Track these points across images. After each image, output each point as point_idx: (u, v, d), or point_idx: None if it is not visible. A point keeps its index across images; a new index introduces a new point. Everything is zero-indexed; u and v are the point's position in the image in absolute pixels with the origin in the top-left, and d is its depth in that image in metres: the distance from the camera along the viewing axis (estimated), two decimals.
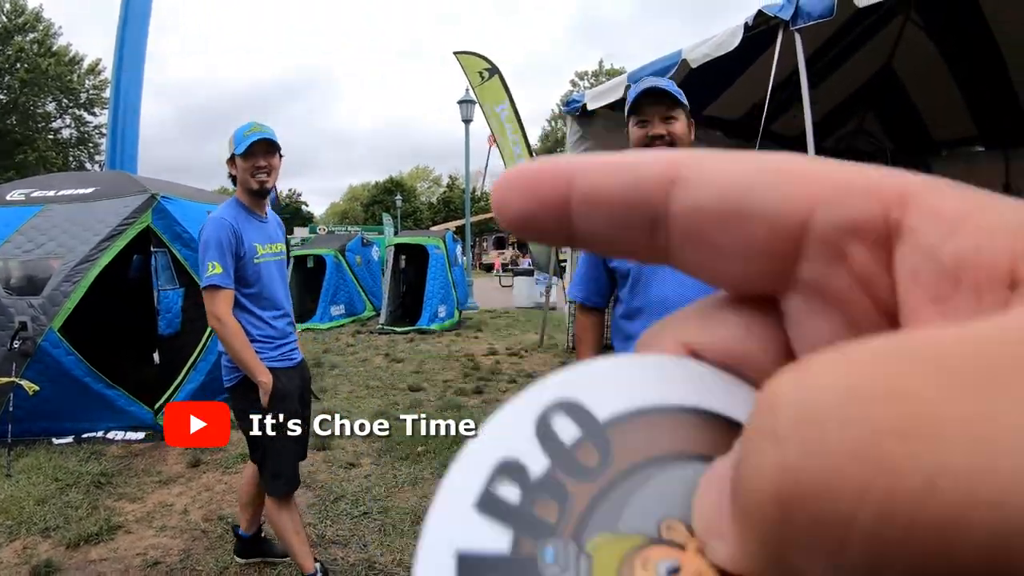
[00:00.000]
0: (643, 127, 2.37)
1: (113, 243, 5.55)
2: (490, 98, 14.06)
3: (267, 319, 3.08)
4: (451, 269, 12.78)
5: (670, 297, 2.32)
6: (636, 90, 2.40)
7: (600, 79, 52.80)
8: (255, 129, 3.02)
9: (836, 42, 7.64)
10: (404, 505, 4.08)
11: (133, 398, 5.48)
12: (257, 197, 3.12)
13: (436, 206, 63.51)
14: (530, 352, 9.78)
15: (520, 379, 7.83)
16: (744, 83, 8.12)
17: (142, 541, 3.65)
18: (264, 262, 3.09)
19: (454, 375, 8.13)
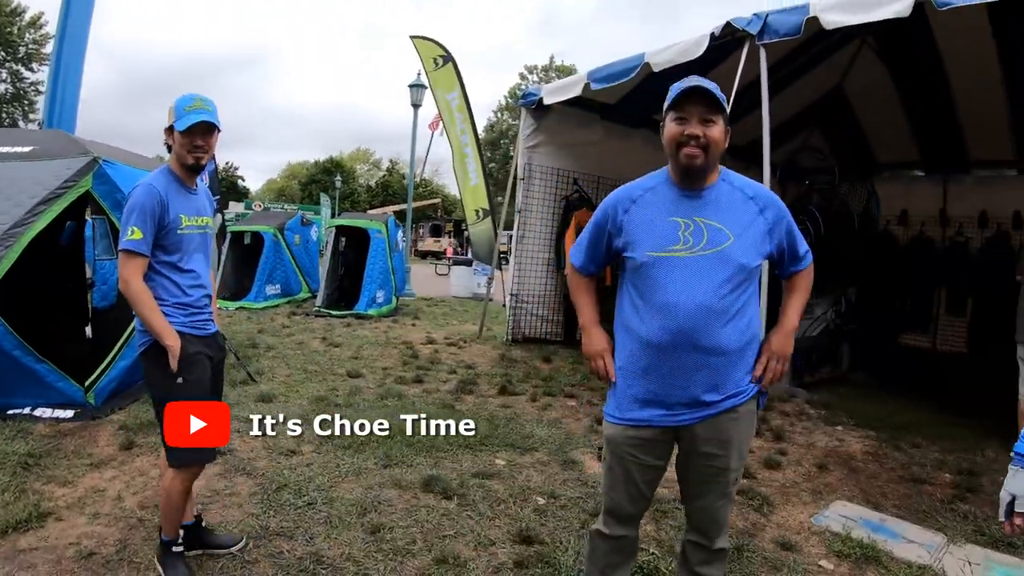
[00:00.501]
0: (680, 124, 2.35)
1: (50, 207, 5.24)
2: (442, 85, 13.97)
3: (183, 286, 3.10)
4: (391, 254, 12.62)
5: (678, 301, 2.33)
6: (680, 86, 2.37)
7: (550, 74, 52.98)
8: (197, 106, 3.02)
9: (794, 59, 7.79)
10: (349, 496, 4.00)
11: (63, 374, 5.20)
12: (190, 171, 3.16)
13: (375, 189, 62.87)
14: (469, 343, 9.74)
15: (460, 370, 7.80)
16: None
17: (74, 529, 3.47)
18: (188, 234, 3.11)
19: (393, 363, 8.05)
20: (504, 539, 3.61)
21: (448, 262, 25.46)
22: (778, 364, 2.47)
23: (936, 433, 6.27)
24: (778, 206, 2.49)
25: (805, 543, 3.85)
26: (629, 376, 2.47)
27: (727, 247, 2.35)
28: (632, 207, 2.48)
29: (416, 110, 18.13)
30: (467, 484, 4.29)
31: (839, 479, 4.99)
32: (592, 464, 4.91)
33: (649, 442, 2.47)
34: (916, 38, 7.76)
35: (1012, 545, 3.94)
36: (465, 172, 14.47)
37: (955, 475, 5.16)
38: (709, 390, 2.37)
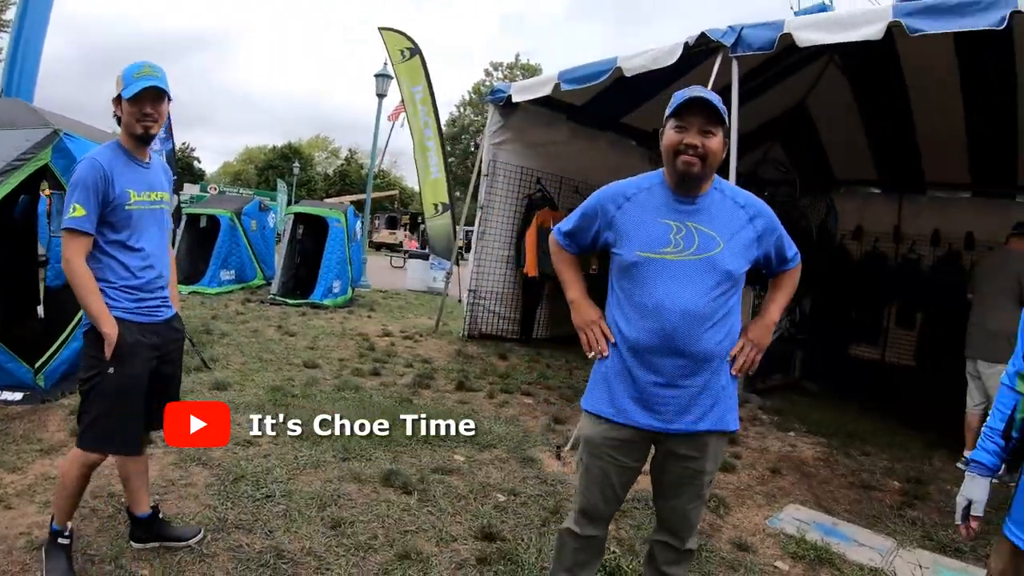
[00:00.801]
0: (680, 132, 2.37)
1: (6, 179, 5.02)
2: (408, 77, 13.88)
3: (132, 268, 2.94)
4: (349, 245, 12.50)
5: (665, 303, 2.35)
6: (682, 96, 2.38)
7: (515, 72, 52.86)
8: (145, 72, 2.86)
9: (761, 72, 7.89)
10: (308, 489, 3.94)
11: (12, 354, 5.00)
12: (140, 142, 3.00)
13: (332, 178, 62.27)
14: (425, 337, 9.69)
15: (416, 364, 7.76)
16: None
17: (25, 518, 3.34)
18: (138, 210, 2.95)
19: (349, 354, 7.98)
20: (466, 535, 3.60)
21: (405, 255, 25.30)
22: (752, 352, 2.50)
23: (885, 442, 6.44)
24: (768, 215, 2.53)
25: (761, 544, 3.93)
26: (616, 374, 2.47)
27: (716, 253, 2.38)
28: (626, 204, 2.50)
29: (381, 100, 18.02)
30: (427, 479, 4.26)
31: (792, 483, 5.09)
32: (551, 462, 4.92)
33: (628, 443, 2.48)
34: (883, 60, 7.94)
35: (959, 550, 4.07)
36: (426, 165, 14.39)
37: (903, 483, 5.31)
38: (690, 405, 2.41)
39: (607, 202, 2.53)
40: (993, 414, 2.13)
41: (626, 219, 2.47)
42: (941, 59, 7.69)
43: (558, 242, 2.71)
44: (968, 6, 4.92)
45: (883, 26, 5.22)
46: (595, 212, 2.55)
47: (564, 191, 10.09)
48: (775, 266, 2.62)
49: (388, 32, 13.93)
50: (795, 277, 2.69)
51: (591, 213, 2.57)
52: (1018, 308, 5.50)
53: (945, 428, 6.79)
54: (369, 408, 5.65)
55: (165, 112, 2.99)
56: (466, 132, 53.91)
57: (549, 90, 7.76)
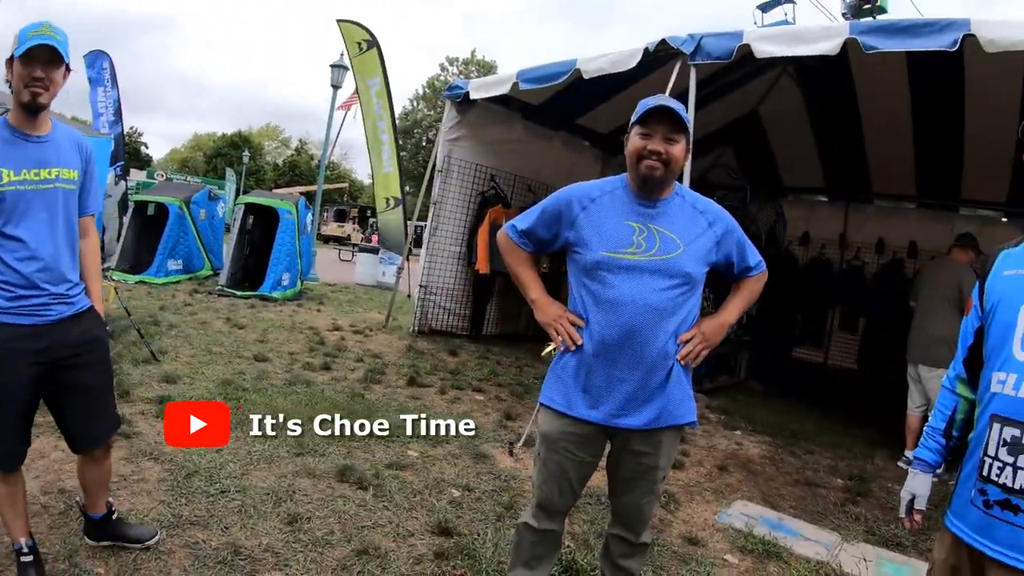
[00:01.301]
0: (644, 139, 2.44)
1: None
2: (364, 70, 13.74)
3: (8, 261, 2.56)
4: (300, 237, 12.37)
5: (627, 300, 2.41)
6: (648, 104, 2.45)
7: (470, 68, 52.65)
8: (42, 32, 2.52)
9: (717, 79, 8.03)
10: (262, 484, 3.90)
11: None
12: (27, 112, 2.60)
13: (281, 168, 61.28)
14: (375, 331, 9.65)
15: (367, 358, 7.72)
16: (619, 102, 8.38)
17: None
18: (15, 191, 2.56)
19: (299, 348, 7.91)
20: (423, 530, 3.62)
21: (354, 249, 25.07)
22: (700, 345, 2.55)
23: (828, 441, 6.64)
24: (726, 220, 2.62)
25: (710, 539, 4.03)
26: (575, 369, 2.52)
27: (676, 256, 2.46)
28: (591, 205, 2.55)
29: (335, 91, 17.90)
30: (382, 475, 4.26)
31: (739, 480, 5.22)
32: (503, 458, 4.96)
33: (584, 438, 2.53)
34: (836, 73, 8.15)
35: (900, 544, 4.25)
36: (379, 159, 14.29)
37: (847, 480, 5.49)
38: (647, 401, 2.47)
39: (572, 203, 2.57)
40: (935, 415, 2.23)
41: (590, 220, 2.52)
42: (893, 76, 7.95)
43: (512, 240, 2.71)
44: (922, 27, 5.10)
45: (839, 42, 5.37)
46: (558, 211, 2.59)
47: (517, 189, 10.12)
48: (737, 271, 2.70)
49: (346, 24, 13.77)
50: (758, 284, 2.76)
51: (553, 212, 2.61)
52: (958, 315, 5.73)
53: (886, 429, 7.03)
54: (321, 403, 5.61)
55: (59, 82, 2.61)
56: (419, 126, 53.57)
57: (508, 88, 7.79)
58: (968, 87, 7.67)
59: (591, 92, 7.78)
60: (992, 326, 1.98)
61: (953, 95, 7.91)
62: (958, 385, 2.17)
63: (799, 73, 8.95)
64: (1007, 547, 1.81)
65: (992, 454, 1.87)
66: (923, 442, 2.24)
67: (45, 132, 2.68)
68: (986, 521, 1.87)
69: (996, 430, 1.87)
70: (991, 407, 1.91)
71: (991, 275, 2.05)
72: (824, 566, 3.81)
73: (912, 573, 3.85)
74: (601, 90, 7.93)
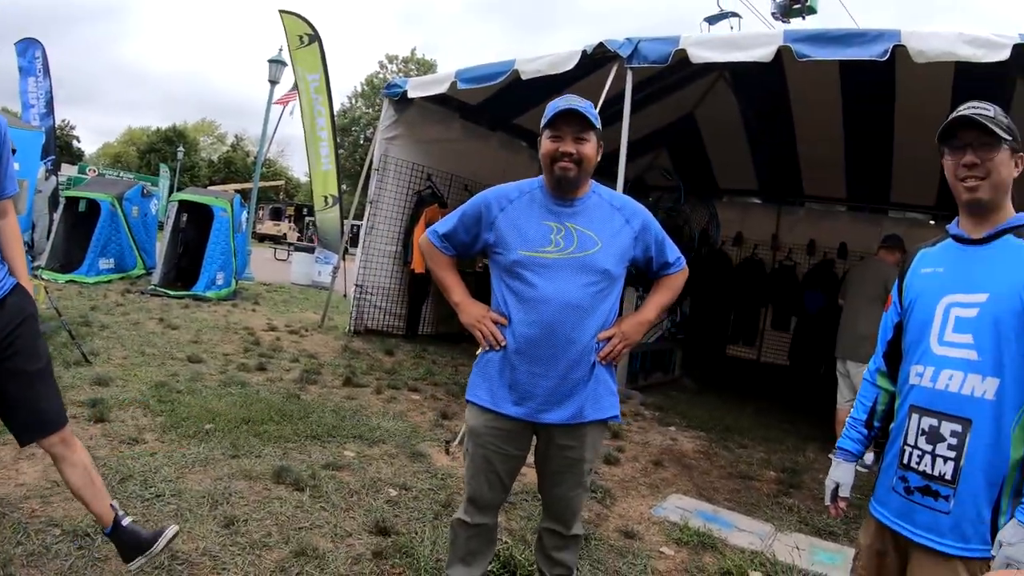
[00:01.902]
0: (555, 142, 2.50)
1: None
2: (305, 65, 13.52)
3: None
4: (234, 235, 12.15)
5: (547, 297, 2.46)
6: (555, 107, 2.49)
7: (409, 66, 52.27)
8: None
9: (654, 83, 8.15)
10: (198, 487, 3.82)
11: None
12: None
13: (217, 164, 59.90)
14: (311, 331, 9.54)
15: (303, 359, 7.63)
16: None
17: None
18: None
19: (234, 349, 7.77)
20: (360, 530, 3.60)
21: (290, 248, 24.71)
22: (620, 343, 2.59)
23: (761, 435, 6.82)
24: (643, 216, 2.69)
25: (646, 532, 4.10)
26: (499, 366, 2.55)
27: (594, 253, 2.51)
28: (508, 207, 2.60)
29: (273, 87, 17.63)
30: (318, 475, 4.21)
31: (674, 475, 5.32)
32: (440, 457, 4.96)
33: (510, 433, 2.57)
34: (770, 79, 8.36)
35: (833, 533, 4.40)
36: (317, 157, 14.10)
37: (779, 473, 5.65)
38: (569, 396, 2.51)
39: (491, 204, 2.61)
40: (856, 406, 2.35)
41: (508, 221, 2.57)
42: (826, 82, 8.20)
43: (433, 244, 2.74)
44: (855, 37, 5.29)
45: (773, 49, 5.52)
46: (477, 214, 2.63)
47: (454, 189, 10.14)
48: (655, 268, 2.76)
49: (288, 16, 13.47)
50: (677, 281, 2.82)
51: (472, 215, 2.64)
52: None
53: (817, 423, 7.24)
54: (256, 404, 5.52)
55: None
56: (357, 124, 53.01)
57: (446, 88, 7.78)
58: (898, 94, 7.97)
59: (529, 93, 7.83)
60: (911, 321, 2.07)
61: (883, 102, 8.20)
62: (878, 378, 2.28)
63: (735, 78, 9.15)
64: (928, 531, 1.91)
65: (912, 443, 1.97)
66: (846, 432, 2.35)
67: None
68: (908, 507, 1.97)
69: (915, 420, 1.97)
70: (910, 398, 2.00)
71: (909, 272, 2.14)
72: (758, 556, 3.91)
73: (845, 560, 3.98)
74: (539, 91, 7.98)
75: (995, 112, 1.94)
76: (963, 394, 1.87)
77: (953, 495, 1.87)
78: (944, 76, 6.75)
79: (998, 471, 1.83)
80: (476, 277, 8.71)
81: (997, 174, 1.92)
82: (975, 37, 4.80)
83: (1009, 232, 1.94)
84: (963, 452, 1.86)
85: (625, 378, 7.98)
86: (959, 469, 1.86)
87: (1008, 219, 1.96)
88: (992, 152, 1.91)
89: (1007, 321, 1.84)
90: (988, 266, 1.93)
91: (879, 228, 10.22)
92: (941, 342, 1.95)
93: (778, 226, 12.26)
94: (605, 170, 7.65)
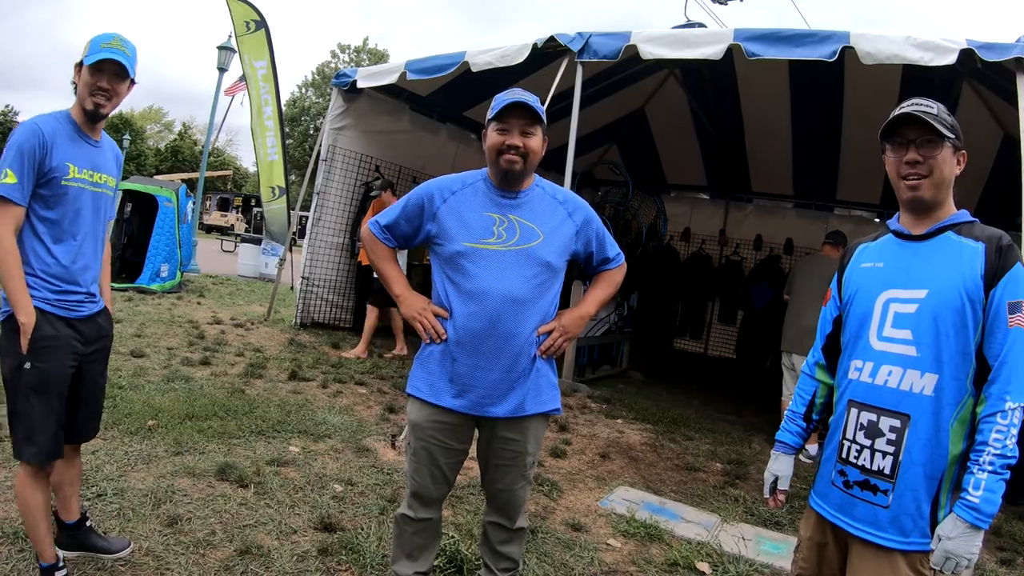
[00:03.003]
0: (503, 134, 2.50)
1: None
2: (251, 51, 13.23)
3: (57, 254, 2.62)
4: (180, 226, 11.90)
5: (489, 289, 2.46)
6: (503, 100, 2.49)
7: (361, 56, 51.66)
8: (113, 45, 2.64)
9: (605, 78, 8.19)
10: (141, 486, 3.73)
11: None
12: (89, 118, 2.71)
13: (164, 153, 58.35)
14: (256, 325, 9.40)
15: (248, 352, 7.52)
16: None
17: None
18: (77, 187, 2.65)
19: (178, 342, 7.62)
20: (305, 527, 3.55)
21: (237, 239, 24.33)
22: (560, 338, 2.61)
23: (707, 428, 6.92)
24: (585, 210, 2.71)
25: (593, 524, 4.13)
26: (439, 359, 2.55)
27: (536, 245, 2.53)
28: (451, 198, 2.59)
29: (222, 74, 17.30)
30: (263, 472, 4.15)
31: (621, 467, 5.37)
32: (386, 452, 4.94)
33: (452, 426, 2.57)
34: (720, 77, 8.47)
35: (778, 523, 4.49)
36: (264, 147, 13.84)
37: (725, 464, 5.74)
38: (511, 389, 2.52)
39: (433, 196, 2.61)
40: (795, 399, 2.36)
41: (451, 212, 2.57)
42: (776, 83, 8.32)
43: (375, 236, 2.73)
44: (804, 37, 5.38)
45: (723, 47, 5.58)
46: (420, 204, 2.62)
47: (403, 179, 10.05)
48: (596, 262, 2.78)
49: (235, 1, 13.21)
50: (616, 277, 2.84)
51: (415, 205, 2.64)
52: None
53: (763, 414, 7.36)
54: (200, 400, 5.41)
55: (123, 94, 2.73)
56: (306, 114, 52.24)
57: (395, 78, 7.72)
58: (846, 95, 8.14)
59: (479, 85, 7.82)
60: (850, 316, 2.10)
61: (832, 102, 8.36)
62: (817, 371, 2.30)
63: (685, 75, 9.23)
64: (867, 524, 1.94)
65: (851, 437, 2.00)
66: (784, 425, 2.36)
67: (98, 139, 2.80)
68: (847, 500, 2.00)
69: (854, 415, 2.00)
70: (848, 393, 2.04)
71: (849, 267, 2.18)
72: (705, 546, 3.97)
73: (790, 549, 4.03)
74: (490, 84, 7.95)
75: (938, 109, 1.96)
76: (902, 390, 1.91)
77: (892, 489, 1.90)
78: (892, 78, 6.90)
79: (937, 466, 1.87)
80: (424, 270, 8.65)
81: (939, 171, 1.95)
82: (924, 41, 4.91)
83: (949, 229, 1.98)
84: (902, 447, 1.89)
85: (572, 371, 8.02)
86: (898, 464, 1.90)
87: (949, 216, 1.99)
88: (935, 149, 1.94)
89: (946, 317, 1.87)
90: (928, 262, 1.96)
91: (825, 225, 10.44)
92: (880, 337, 1.98)
93: (725, 221, 12.43)
94: (553, 164, 7.74)
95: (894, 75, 6.81)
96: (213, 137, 22.25)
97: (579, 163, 8.61)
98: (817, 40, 5.29)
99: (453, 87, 8.42)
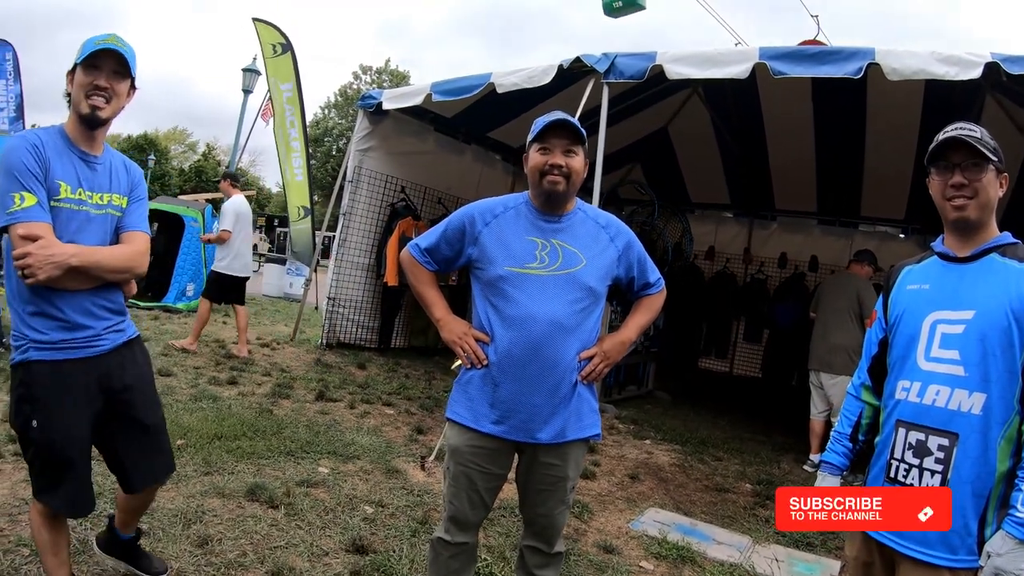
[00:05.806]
0: (544, 154, 2.49)
1: None
2: (278, 74, 13.41)
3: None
4: (205, 246, 11.98)
5: (532, 314, 2.44)
6: (545, 120, 2.48)
7: (383, 77, 52.02)
8: (110, 40, 2.37)
9: (629, 97, 8.19)
10: (171, 506, 3.74)
11: None
12: (87, 126, 2.42)
13: (187, 173, 58.88)
14: (282, 345, 9.42)
15: (275, 372, 7.53)
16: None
17: None
18: (69, 210, 2.35)
19: (205, 362, 7.65)
20: (337, 549, 3.54)
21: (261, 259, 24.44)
22: (601, 363, 2.58)
23: (736, 448, 6.85)
24: (628, 235, 2.69)
25: (625, 546, 4.09)
26: (480, 384, 2.53)
27: (579, 270, 2.51)
28: (493, 221, 2.58)
29: (247, 96, 17.52)
30: (293, 493, 4.13)
31: (651, 488, 5.32)
32: (416, 473, 4.91)
33: (492, 452, 2.54)
34: (744, 95, 8.45)
35: (810, 544, 4.43)
36: (291, 167, 13.99)
37: (755, 484, 5.67)
38: (553, 414, 2.49)
39: (475, 219, 2.60)
40: (841, 420, 2.36)
41: (493, 236, 2.55)
42: (799, 99, 8.30)
43: (415, 259, 2.70)
44: (830, 55, 5.37)
45: (749, 66, 5.57)
46: (461, 228, 2.61)
47: (428, 201, 10.08)
48: (637, 288, 2.75)
49: (262, 24, 13.35)
50: (657, 302, 2.81)
51: (456, 229, 2.62)
52: (857, 326, 6.04)
53: (791, 434, 7.28)
54: (228, 420, 5.42)
55: (123, 96, 2.45)
56: (329, 135, 52.61)
57: (421, 100, 7.76)
58: (870, 110, 8.09)
59: (505, 106, 7.84)
60: (896, 337, 2.09)
61: (855, 118, 8.32)
62: (863, 392, 2.29)
63: (708, 93, 9.22)
64: (915, 542, 1.93)
65: (899, 457, 1.99)
66: (830, 446, 2.35)
67: (99, 153, 2.51)
68: None
69: (902, 434, 1.99)
70: (896, 413, 2.02)
71: (895, 289, 2.16)
72: (738, 568, 3.92)
73: (823, 571, 4.00)
74: (515, 105, 8.00)
75: (982, 133, 1.98)
76: (950, 409, 1.91)
77: None
78: (915, 93, 6.85)
79: (984, 484, 1.87)
80: (451, 291, 8.65)
81: (984, 194, 1.97)
82: (948, 55, 4.89)
83: (994, 251, 1.99)
84: (950, 465, 1.89)
85: (599, 392, 7.98)
86: (946, 482, 1.90)
87: (993, 238, 2.01)
88: (980, 173, 1.96)
89: (993, 337, 1.88)
90: (974, 284, 1.97)
91: (850, 241, 10.37)
92: (928, 358, 1.98)
93: (750, 239, 12.38)
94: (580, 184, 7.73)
95: (917, 90, 6.78)
96: (237, 158, 22.41)
97: (604, 182, 8.65)
98: (842, 57, 5.27)
99: (478, 108, 8.45)
